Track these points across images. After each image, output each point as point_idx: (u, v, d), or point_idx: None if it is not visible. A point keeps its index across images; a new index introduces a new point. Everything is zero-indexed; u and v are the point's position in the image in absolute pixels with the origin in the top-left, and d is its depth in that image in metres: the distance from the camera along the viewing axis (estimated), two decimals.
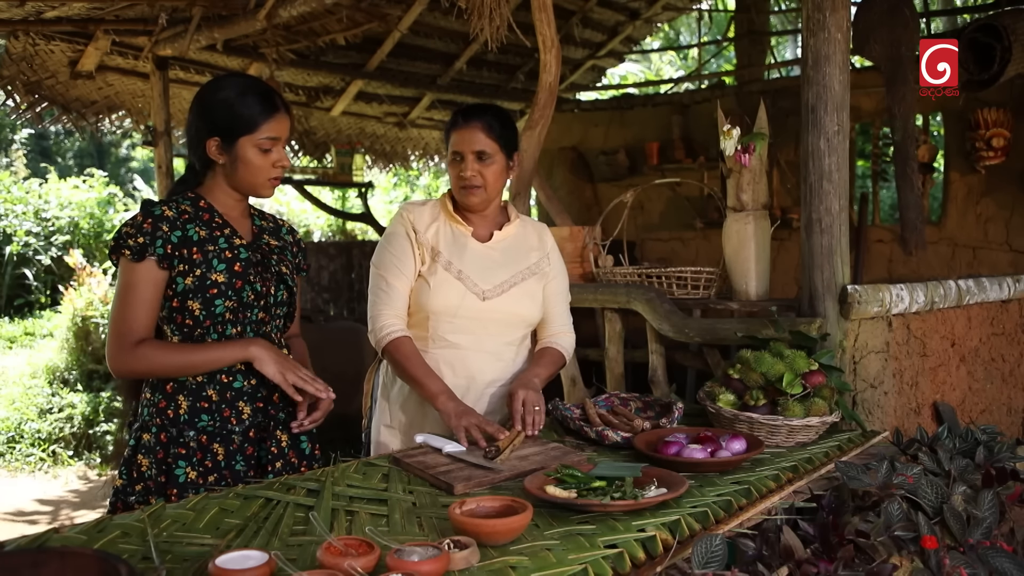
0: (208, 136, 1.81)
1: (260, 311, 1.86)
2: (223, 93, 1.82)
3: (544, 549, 1.29)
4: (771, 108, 2.96)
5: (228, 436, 1.81)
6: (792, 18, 9.00)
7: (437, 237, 2.14)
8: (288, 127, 1.86)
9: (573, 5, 6.42)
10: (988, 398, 2.94)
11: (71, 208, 9.93)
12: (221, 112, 1.80)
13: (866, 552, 1.35)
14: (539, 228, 2.31)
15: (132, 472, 1.80)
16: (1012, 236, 5.09)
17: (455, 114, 2.14)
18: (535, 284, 2.20)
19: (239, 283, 1.81)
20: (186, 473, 1.77)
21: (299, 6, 4.19)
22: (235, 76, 1.96)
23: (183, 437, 1.78)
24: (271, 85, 1.90)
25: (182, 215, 1.81)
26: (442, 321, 2.10)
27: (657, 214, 6.54)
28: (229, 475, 1.79)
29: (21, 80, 4.93)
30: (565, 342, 2.26)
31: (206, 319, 1.79)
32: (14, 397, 6.60)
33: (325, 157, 6.88)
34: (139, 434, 1.81)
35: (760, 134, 2.73)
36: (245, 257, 1.85)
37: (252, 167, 1.82)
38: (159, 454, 1.78)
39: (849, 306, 2.28)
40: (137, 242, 1.74)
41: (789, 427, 1.98)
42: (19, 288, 9.54)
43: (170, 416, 1.79)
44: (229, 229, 1.86)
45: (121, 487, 1.80)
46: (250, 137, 1.79)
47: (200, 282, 1.77)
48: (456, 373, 2.12)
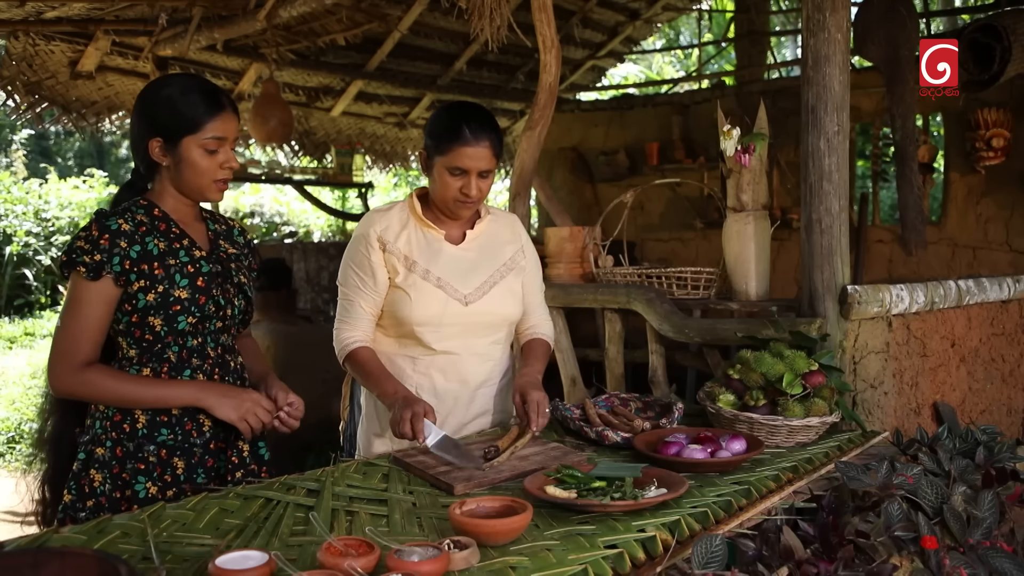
0: (150, 136, 1.72)
1: (219, 321, 1.80)
2: (165, 91, 1.73)
3: (544, 549, 1.29)
4: (771, 108, 2.96)
5: (189, 450, 1.74)
6: (792, 18, 9.01)
7: (410, 245, 2.08)
8: (236, 126, 1.77)
9: (573, 5, 6.42)
10: (988, 398, 2.94)
11: (71, 208, 9.94)
12: (163, 111, 1.71)
13: (866, 552, 1.35)
14: (510, 220, 2.26)
15: (84, 487, 1.71)
16: (1012, 236, 5.09)
17: (461, 126, 1.98)
18: (514, 280, 2.17)
19: (202, 298, 1.74)
20: (146, 488, 1.70)
21: (299, 6, 4.19)
22: (180, 75, 1.88)
23: (142, 452, 1.71)
24: (217, 88, 1.80)
25: (139, 227, 1.73)
26: (428, 331, 2.06)
27: (657, 214, 6.54)
28: (190, 489, 1.71)
29: (21, 80, 4.93)
30: (547, 330, 2.26)
31: (167, 335, 1.72)
32: (14, 397, 6.60)
33: (325, 157, 6.88)
34: (90, 448, 1.73)
35: (760, 134, 2.73)
36: (207, 271, 1.78)
37: (197, 169, 1.73)
38: (115, 469, 1.70)
39: (849, 306, 2.28)
40: (93, 259, 1.66)
41: (789, 427, 1.98)
42: (19, 288, 9.54)
43: (126, 430, 1.71)
44: (188, 240, 1.79)
45: (70, 503, 1.71)
46: (194, 137, 1.71)
47: (163, 298, 1.70)
48: (448, 378, 2.10)
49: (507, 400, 2.22)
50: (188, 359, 1.76)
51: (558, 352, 3.16)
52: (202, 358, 1.78)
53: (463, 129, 1.98)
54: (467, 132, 1.98)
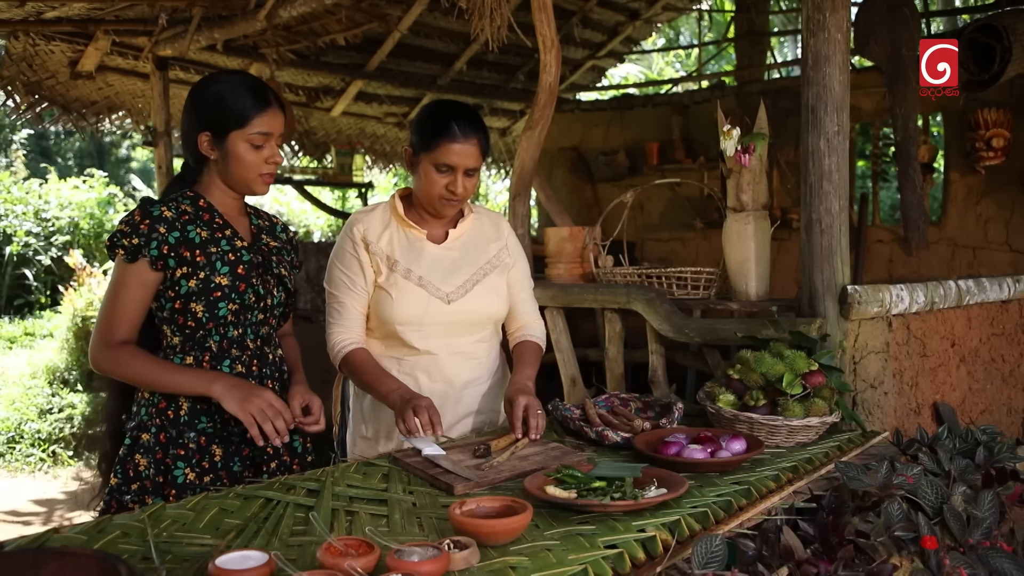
0: (200, 130, 1.80)
1: (259, 312, 1.87)
2: (215, 87, 1.81)
3: (544, 549, 1.29)
4: (771, 108, 2.96)
5: (227, 438, 1.82)
6: (792, 18, 9.02)
7: (392, 245, 2.09)
8: (281, 123, 1.84)
9: (573, 5, 6.42)
10: (988, 398, 2.94)
11: (71, 208, 9.93)
12: (212, 106, 1.78)
13: (866, 552, 1.35)
14: (495, 218, 2.26)
15: (128, 471, 1.79)
16: (1012, 236, 5.09)
17: (450, 122, 1.99)
18: (497, 278, 2.17)
19: (242, 286, 1.81)
20: (185, 474, 1.77)
21: (299, 6, 4.19)
22: (229, 71, 1.96)
23: (183, 438, 1.79)
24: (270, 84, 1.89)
25: (182, 215, 1.80)
26: (410, 330, 2.06)
27: (657, 214, 6.54)
28: (226, 476, 1.80)
29: (21, 80, 4.94)
30: (537, 331, 2.24)
31: (209, 321, 1.79)
32: (14, 397, 6.60)
33: (325, 157, 6.88)
34: (136, 433, 1.81)
35: (760, 134, 2.73)
36: (247, 259, 1.85)
37: (243, 163, 1.80)
38: (158, 454, 1.78)
39: (849, 306, 2.28)
40: (132, 242, 1.74)
41: (789, 427, 1.98)
42: (19, 288, 9.54)
43: (170, 417, 1.79)
44: (230, 230, 1.86)
45: (116, 486, 1.79)
46: (241, 132, 1.78)
47: (204, 285, 1.77)
48: (432, 379, 2.10)
49: (496, 400, 2.21)
50: (228, 349, 1.83)
51: (558, 352, 3.16)
52: (241, 349, 1.85)
53: (452, 125, 1.98)
54: (456, 128, 1.98)
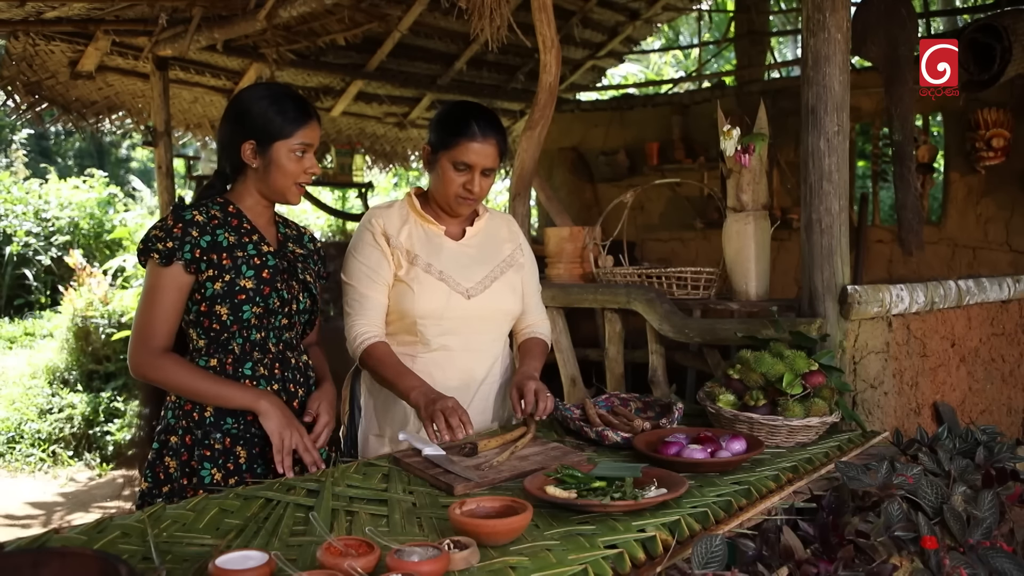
0: (244, 139, 1.84)
1: (284, 317, 1.90)
2: (261, 99, 1.86)
3: (544, 549, 1.29)
4: (771, 108, 2.96)
5: (251, 440, 1.84)
6: (792, 18, 9.02)
7: (411, 239, 2.10)
8: (319, 135, 1.91)
9: (573, 5, 6.41)
10: (988, 398, 2.94)
11: (71, 208, 9.92)
12: (259, 116, 1.84)
13: (866, 552, 1.35)
14: (507, 219, 2.31)
15: (158, 474, 1.83)
16: (1012, 236, 5.09)
17: (470, 121, 2.03)
18: (514, 276, 2.20)
19: (267, 289, 1.84)
20: (212, 475, 1.80)
21: (299, 6, 4.19)
22: (273, 84, 2.03)
23: (209, 439, 1.82)
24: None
25: (212, 220, 1.84)
26: (430, 324, 2.07)
27: (657, 214, 6.54)
28: (250, 478, 1.81)
29: (21, 80, 4.93)
30: (544, 329, 2.29)
31: (233, 324, 1.83)
32: (14, 397, 6.60)
33: (325, 157, 6.87)
34: (165, 437, 1.84)
35: (760, 134, 2.73)
36: (273, 264, 1.88)
37: (285, 171, 1.85)
38: (184, 456, 1.81)
39: (849, 306, 2.28)
40: (166, 246, 1.78)
41: (789, 427, 1.98)
42: (19, 288, 9.54)
43: (196, 419, 1.82)
44: (257, 235, 1.90)
45: (147, 490, 1.83)
46: (285, 142, 1.84)
47: (229, 287, 1.81)
48: (447, 375, 2.10)
49: (507, 399, 2.22)
50: (250, 352, 1.86)
51: (558, 352, 3.16)
52: (263, 352, 1.88)
53: (472, 125, 2.03)
54: (476, 128, 2.02)
